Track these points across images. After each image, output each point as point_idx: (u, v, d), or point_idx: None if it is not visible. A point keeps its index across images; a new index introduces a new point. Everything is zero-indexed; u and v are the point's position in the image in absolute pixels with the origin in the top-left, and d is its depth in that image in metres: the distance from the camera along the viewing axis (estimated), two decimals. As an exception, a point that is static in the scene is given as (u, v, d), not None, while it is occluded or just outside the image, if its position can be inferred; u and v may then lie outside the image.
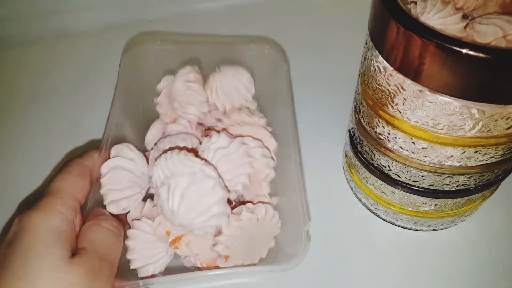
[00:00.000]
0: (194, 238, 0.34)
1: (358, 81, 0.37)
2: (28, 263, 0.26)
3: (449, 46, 0.25)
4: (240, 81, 0.43)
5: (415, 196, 0.38)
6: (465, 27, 0.29)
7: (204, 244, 0.34)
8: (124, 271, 0.34)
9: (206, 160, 0.34)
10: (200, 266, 0.37)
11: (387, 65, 0.30)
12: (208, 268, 0.36)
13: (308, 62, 0.62)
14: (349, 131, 0.43)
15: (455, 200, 0.37)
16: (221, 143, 0.35)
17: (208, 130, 0.42)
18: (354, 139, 0.41)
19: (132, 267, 0.34)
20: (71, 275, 0.27)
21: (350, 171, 0.44)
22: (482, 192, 0.37)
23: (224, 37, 0.48)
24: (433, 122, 0.30)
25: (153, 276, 0.35)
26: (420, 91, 0.29)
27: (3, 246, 0.27)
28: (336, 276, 0.41)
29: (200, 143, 0.37)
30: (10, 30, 0.69)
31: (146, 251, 0.34)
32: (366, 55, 0.34)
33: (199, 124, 0.44)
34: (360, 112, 0.38)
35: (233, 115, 0.41)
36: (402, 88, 0.30)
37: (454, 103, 0.28)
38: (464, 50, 0.25)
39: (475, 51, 0.25)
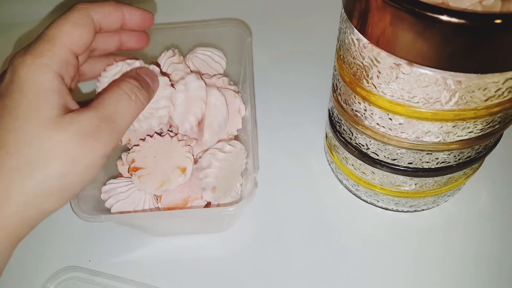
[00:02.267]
0: (147, 175, 0.36)
1: (335, 57, 0.36)
2: (18, 119, 0.25)
3: (423, 12, 0.24)
4: (212, 59, 0.44)
5: (395, 175, 0.36)
6: (441, -6, 0.27)
7: (152, 184, 0.35)
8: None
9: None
10: (162, 208, 0.38)
11: (361, 36, 0.29)
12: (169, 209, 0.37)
13: (285, 42, 0.61)
14: (329, 110, 0.41)
15: (435, 178, 0.36)
16: (187, 79, 0.36)
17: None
18: (333, 118, 0.40)
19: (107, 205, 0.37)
20: (59, 132, 0.25)
21: (331, 152, 0.43)
22: (464, 170, 0.36)
23: (193, 22, 0.49)
24: (409, 96, 0.29)
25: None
26: (394, 63, 0.27)
27: (2, 90, 0.26)
28: (317, 259, 0.40)
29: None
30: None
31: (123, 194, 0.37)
32: (341, 28, 0.32)
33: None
34: (337, 89, 0.36)
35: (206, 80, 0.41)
36: (376, 60, 0.29)
37: (429, 74, 0.27)
38: (438, 16, 0.23)
39: (450, 16, 0.23)
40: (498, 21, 0.23)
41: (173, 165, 0.36)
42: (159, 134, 0.38)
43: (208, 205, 0.38)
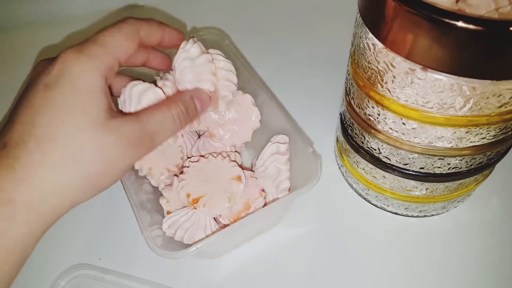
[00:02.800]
0: (210, 200, 0.36)
1: (349, 61, 0.36)
2: (69, 114, 0.26)
3: (441, 18, 0.24)
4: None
5: (406, 180, 0.37)
6: (457, 1, 0.28)
7: (220, 204, 0.36)
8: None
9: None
10: (229, 223, 0.37)
11: (377, 41, 0.29)
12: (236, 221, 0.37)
13: (293, 48, 0.61)
14: (340, 114, 0.42)
15: (446, 184, 0.36)
16: (191, 52, 0.35)
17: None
18: (344, 122, 0.40)
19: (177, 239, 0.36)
20: (106, 135, 0.26)
21: (341, 156, 0.43)
22: (475, 176, 0.36)
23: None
24: (423, 101, 0.29)
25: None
26: (409, 68, 0.28)
27: (42, 87, 0.26)
28: (325, 261, 0.40)
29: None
30: (3, 14, 0.68)
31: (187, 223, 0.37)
32: (356, 32, 0.33)
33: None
34: (350, 93, 0.37)
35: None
36: (392, 65, 0.29)
37: (444, 80, 0.27)
38: (455, 22, 0.24)
39: (467, 22, 0.24)
40: (515, 28, 0.23)
41: (228, 179, 0.37)
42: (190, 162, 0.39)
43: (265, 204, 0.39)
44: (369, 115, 0.34)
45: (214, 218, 0.38)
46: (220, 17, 0.65)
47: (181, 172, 0.38)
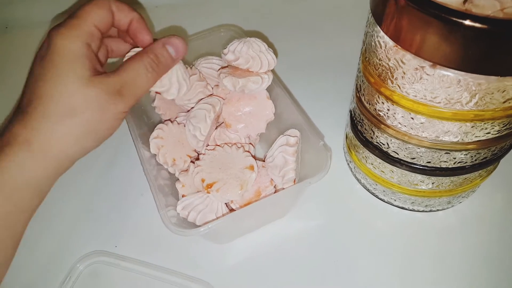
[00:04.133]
0: (223, 186, 0.38)
1: (360, 59, 0.38)
2: (58, 75, 0.31)
3: (449, 17, 0.26)
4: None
5: (413, 174, 0.38)
6: (464, 2, 0.29)
7: (233, 190, 0.38)
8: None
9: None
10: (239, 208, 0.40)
11: (388, 39, 0.31)
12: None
13: (309, 48, 0.63)
14: (350, 111, 0.43)
15: (452, 178, 0.38)
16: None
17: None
18: (354, 118, 0.42)
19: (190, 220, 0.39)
20: (91, 89, 0.31)
21: (350, 151, 0.45)
22: (479, 171, 0.38)
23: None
24: (431, 96, 0.31)
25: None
26: (418, 65, 0.29)
27: (39, 59, 0.32)
28: (332, 253, 0.42)
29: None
30: (15, 13, 0.70)
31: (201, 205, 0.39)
32: (367, 31, 0.35)
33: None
34: (361, 90, 0.38)
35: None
36: (402, 62, 0.31)
37: (451, 76, 0.28)
38: (463, 21, 0.25)
39: (474, 21, 0.25)
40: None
41: (241, 168, 0.39)
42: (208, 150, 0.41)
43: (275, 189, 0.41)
44: (379, 110, 0.36)
45: (226, 203, 0.40)
46: (234, 19, 0.67)
47: (197, 159, 0.40)
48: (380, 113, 0.36)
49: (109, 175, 0.50)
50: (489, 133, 0.32)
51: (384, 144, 0.38)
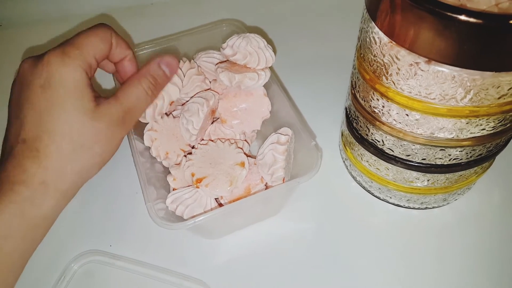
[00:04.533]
0: (213, 181, 0.38)
1: (355, 56, 0.38)
2: (66, 110, 0.31)
3: (443, 12, 0.26)
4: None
5: (408, 171, 0.38)
6: (459, -3, 0.29)
7: (222, 186, 0.38)
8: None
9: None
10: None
11: (382, 35, 0.31)
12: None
13: (306, 47, 0.63)
14: (346, 109, 0.43)
15: (447, 175, 0.38)
16: None
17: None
18: (350, 115, 0.42)
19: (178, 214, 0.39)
20: (98, 122, 0.32)
21: (346, 149, 0.45)
22: (474, 168, 0.38)
23: (188, 30, 0.52)
24: (426, 92, 0.30)
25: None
26: (413, 61, 0.29)
27: (39, 89, 0.31)
28: (328, 251, 0.42)
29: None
30: (10, 11, 0.70)
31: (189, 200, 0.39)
32: (362, 28, 0.34)
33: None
34: (356, 87, 0.38)
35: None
36: (396, 58, 0.30)
37: (446, 71, 0.28)
38: (458, 16, 0.25)
39: (469, 16, 0.25)
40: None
41: (231, 164, 0.39)
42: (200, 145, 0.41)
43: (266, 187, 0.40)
44: (374, 107, 0.36)
45: (215, 199, 0.40)
46: (231, 16, 0.67)
47: (190, 153, 0.40)
48: (375, 110, 0.36)
49: (104, 173, 0.49)
50: (484, 129, 0.32)
51: (379, 141, 0.38)
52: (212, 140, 0.41)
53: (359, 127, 0.40)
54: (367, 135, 0.39)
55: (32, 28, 0.67)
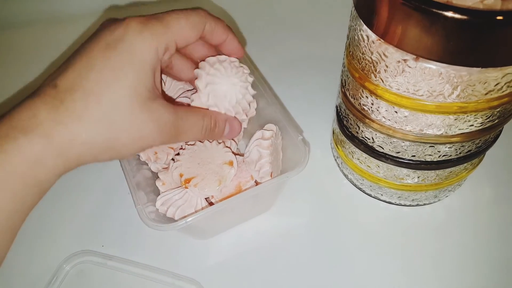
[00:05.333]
0: (201, 181, 0.37)
1: (344, 54, 0.38)
2: (118, 81, 0.28)
3: (430, 8, 0.26)
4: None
5: (399, 168, 0.38)
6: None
7: (211, 185, 0.37)
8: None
9: None
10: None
11: (370, 32, 0.31)
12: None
13: (297, 45, 0.63)
14: (336, 107, 0.43)
15: (437, 172, 0.38)
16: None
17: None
18: (340, 113, 0.42)
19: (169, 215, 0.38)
20: (142, 114, 0.28)
21: (337, 147, 0.45)
22: (464, 165, 0.38)
23: None
24: (414, 89, 0.31)
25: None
26: (401, 58, 0.29)
27: (104, 45, 0.28)
28: (320, 249, 0.42)
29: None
30: (1, 13, 0.69)
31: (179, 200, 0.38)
32: (351, 25, 0.35)
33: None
34: (345, 85, 0.38)
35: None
36: (384, 55, 0.31)
37: (433, 68, 0.29)
38: (444, 12, 0.25)
39: (455, 12, 0.25)
40: (499, 17, 0.25)
41: (220, 163, 0.39)
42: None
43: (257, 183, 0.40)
44: (363, 105, 0.36)
45: (206, 199, 0.40)
46: (223, 15, 0.67)
47: (177, 154, 0.40)
48: (365, 107, 0.36)
49: (96, 173, 0.50)
50: (472, 125, 0.33)
51: (369, 139, 0.38)
52: (199, 141, 0.41)
53: (349, 125, 0.40)
54: (357, 132, 0.39)
55: (28, 28, 0.67)
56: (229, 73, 0.35)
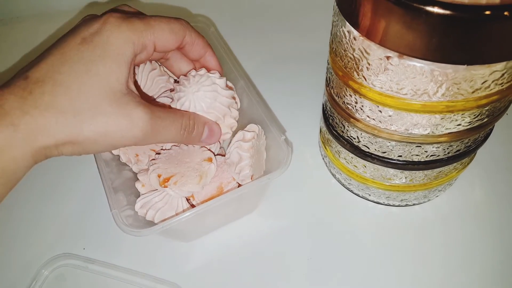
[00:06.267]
0: (181, 178, 0.36)
1: (328, 51, 0.36)
2: (91, 76, 0.27)
3: (411, 3, 0.24)
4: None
5: (385, 168, 0.37)
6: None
7: (191, 182, 0.36)
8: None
9: None
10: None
11: (352, 28, 0.30)
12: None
13: (284, 41, 0.61)
14: (322, 105, 0.42)
15: (425, 172, 0.37)
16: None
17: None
18: (326, 112, 0.41)
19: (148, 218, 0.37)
20: (114, 108, 0.28)
21: (324, 146, 0.44)
22: (453, 164, 0.37)
23: None
24: (397, 87, 0.29)
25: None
26: (384, 55, 0.28)
27: (79, 40, 0.28)
28: (306, 250, 0.41)
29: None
30: (7, 6, 0.68)
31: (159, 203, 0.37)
32: (333, 21, 0.33)
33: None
34: (330, 82, 0.37)
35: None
36: (366, 52, 0.29)
37: (416, 66, 0.27)
38: (426, 7, 0.24)
39: (438, 7, 0.24)
40: (487, 12, 0.23)
41: (198, 160, 0.37)
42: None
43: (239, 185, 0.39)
44: (348, 103, 0.34)
45: (187, 200, 0.38)
46: (209, 9, 0.65)
47: (153, 159, 0.38)
48: (349, 106, 0.34)
49: (76, 174, 0.48)
50: (460, 125, 0.31)
51: (354, 138, 0.37)
52: (176, 145, 0.39)
53: (335, 123, 0.39)
54: (343, 132, 0.38)
55: (25, 23, 0.66)
56: (191, 83, 0.34)
